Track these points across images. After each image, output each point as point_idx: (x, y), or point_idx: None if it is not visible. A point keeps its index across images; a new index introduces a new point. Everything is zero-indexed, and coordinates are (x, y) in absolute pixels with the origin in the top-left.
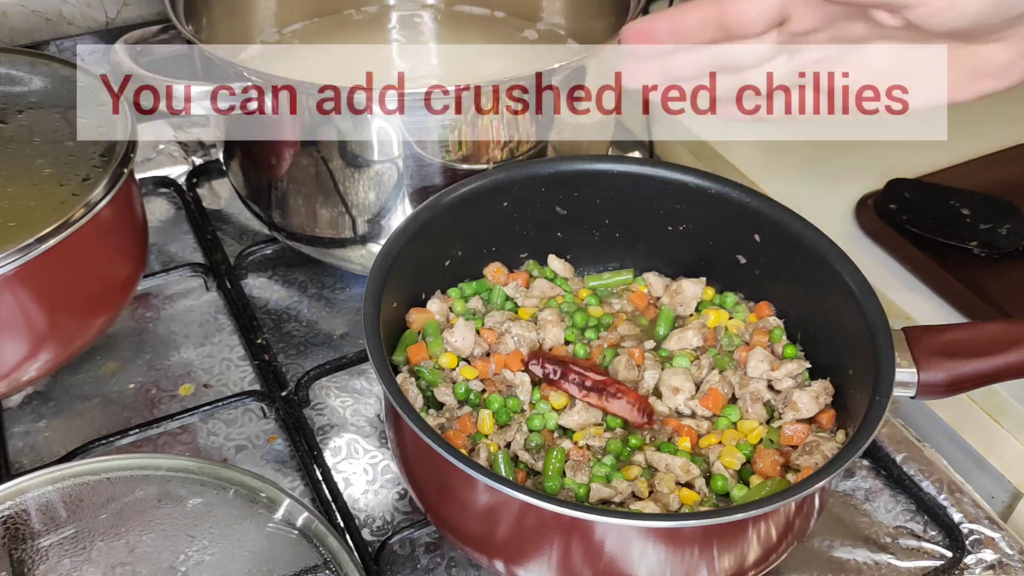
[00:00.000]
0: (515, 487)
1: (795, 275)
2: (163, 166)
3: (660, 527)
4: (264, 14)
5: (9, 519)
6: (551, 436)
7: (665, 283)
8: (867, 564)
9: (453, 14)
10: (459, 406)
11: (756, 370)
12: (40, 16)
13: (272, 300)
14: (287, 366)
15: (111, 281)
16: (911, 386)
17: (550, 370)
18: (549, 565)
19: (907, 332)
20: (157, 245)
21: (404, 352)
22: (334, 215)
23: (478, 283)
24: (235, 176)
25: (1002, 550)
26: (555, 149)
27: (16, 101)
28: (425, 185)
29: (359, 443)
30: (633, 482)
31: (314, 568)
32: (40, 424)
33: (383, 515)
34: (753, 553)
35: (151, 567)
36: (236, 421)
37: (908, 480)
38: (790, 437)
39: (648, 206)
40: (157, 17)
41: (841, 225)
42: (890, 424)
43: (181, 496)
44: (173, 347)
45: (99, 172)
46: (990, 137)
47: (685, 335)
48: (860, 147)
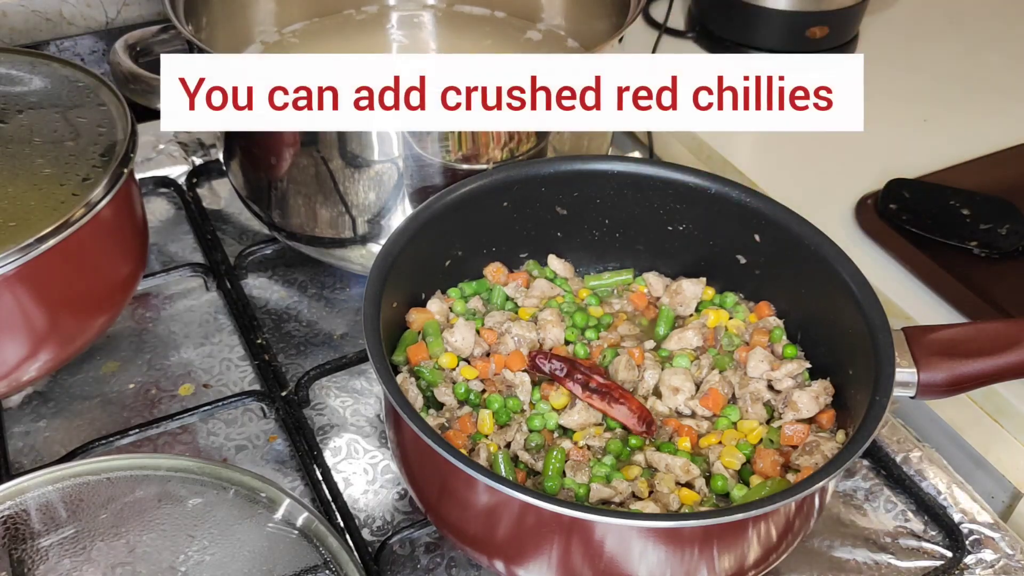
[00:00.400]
0: (515, 487)
1: (795, 275)
2: (163, 166)
3: (660, 527)
4: (264, 14)
5: (9, 519)
6: (551, 436)
7: (665, 283)
8: (867, 564)
9: (453, 14)
10: (459, 406)
11: (756, 370)
12: (40, 16)
13: (272, 300)
14: (287, 366)
15: (111, 281)
16: (911, 386)
17: (557, 366)
18: (549, 565)
19: (907, 332)
20: (157, 245)
21: (404, 352)
22: (334, 215)
23: (478, 283)
24: (235, 176)
25: (1002, 550)
26: (555, 149)
27: (16, 101)
28: (425, 185)
29: (359, 443)
30: (633, 482)
31: (314, 568)
32: (40, 424)
33: (383, 515)
34: (753, 553)
35: (151, 567)
36: (236, 421)
37: (908, 480)
38: (790, 437)
39: (648, 206)
40: (157, 17)
41: (841, 225)
42: (890, 424)
43: (181, 496)
44: (173, 347)
45: (99, 172)
46: (990, 137)
47: (685, 335)
48: (860, 147)
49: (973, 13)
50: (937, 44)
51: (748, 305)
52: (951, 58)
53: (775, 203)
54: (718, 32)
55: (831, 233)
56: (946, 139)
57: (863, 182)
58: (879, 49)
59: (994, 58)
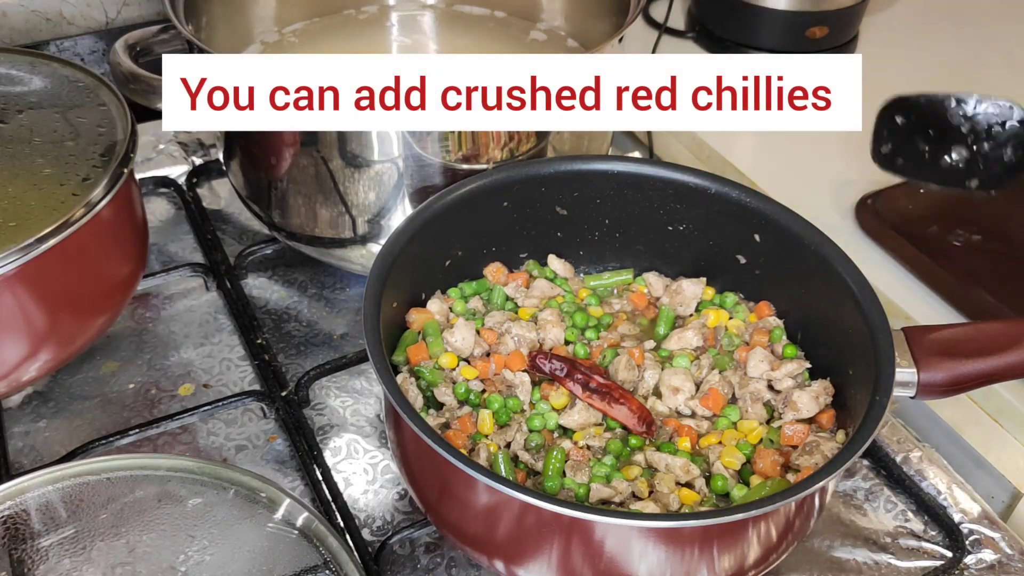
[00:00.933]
0: (515, 487)
1: (795, 275)
2: (163, 166)
3: (660, 527)
4: (264, 14)
5: (9, 519)
6: (551, 436)
7: (665, 283)
8: (867, 564)
9: (453, 14)
10: (459, 406)
11: (756, 370)
12: (40, 16)
13: (272, 300)
14: (287, 366)
15: (111, 281)
16: (911, 386)
17: (557, 366)
18: (549, 565)
19: (907, 332)
20: (157, 245)
21: (404, 352)
22: (334, 215)
23: (478, 283)
24: (235, 176)
25: (1002, 550)
26: (555, 149)
27: (16, 101)
28: (425, 185)
29: (359, 443)
30: (633, 482)
31: (314, 568)
32: (40, 424)
33: (383, 515)
34: (753, 553)
35: (151, 567)
36: (236, 421)
37: (908, 480)
38: (790, 437)
39: (648, 206)
40: (157, 17)
41: (841, 225)
42: (890, 424)
43: (181, 496)
44: (173, 347)
45: (99, 172)
46: None
47: (685, 335)
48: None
49: (973, 13)
50: (937, 44)
51: (748, 305)
52: (951, 58)
53: (775, 203)
54: (718, 32)
55: (831, 233)
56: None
57: (863, 182)
58: (879, 49)
59: (994, 58)
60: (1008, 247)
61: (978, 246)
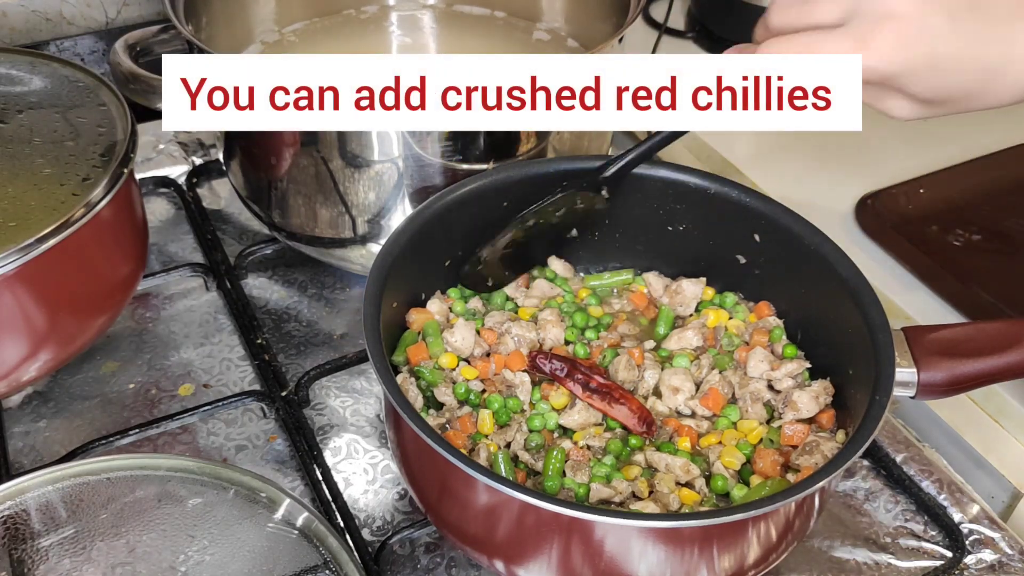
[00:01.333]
0: (515, 487)
1: (795, 275)
2: (163, 166)
3: (660, 527)
4: (264, 14)
5: (9, 519)
6: (551, 436)
7: (665, 283)
8: (867, 564)
9: (453, 14)
10: (459, 406)
11: (756, 370)
12: (40, 16)
13: (272, 300)
14: (287, 366)
15: (111, 281)
16: (911, 386)
17: (557, 366)
18: (549, 565)
19: (907, 332)
20: (157, 245)
21: (404, 352)
22: (334, 215)
23: None
24: (235, 176)
25: (1002, 550)
26: (555, 149)
27: (16, 101)
28: (425, 185)
29: (359, 443)
30: (633, 482)
31: (314, 568)
32: (40, 424)
33: (383, 515)
34: (753, 553)
35: (151, 567)
36: (236, 421)
37: (908, 480)
38: (790, 437)
39: (648, 206)
40: (157, 17)
41: (841, 225)
42: (890, 424)
43: (181, 496)
44: (173, 347)
45: (99, 172)
46: (990, 137)
47: (685, 335)
48: (860, 147)
49: None
50: None
51: (748, 305)
52: None
53: (775, 203)
54: (718, 32)
55: (831, 233)
56: (946, 139)
57: (863, 182)
58: None
59: None
60: (1008, 247)
61: (978, 246)
